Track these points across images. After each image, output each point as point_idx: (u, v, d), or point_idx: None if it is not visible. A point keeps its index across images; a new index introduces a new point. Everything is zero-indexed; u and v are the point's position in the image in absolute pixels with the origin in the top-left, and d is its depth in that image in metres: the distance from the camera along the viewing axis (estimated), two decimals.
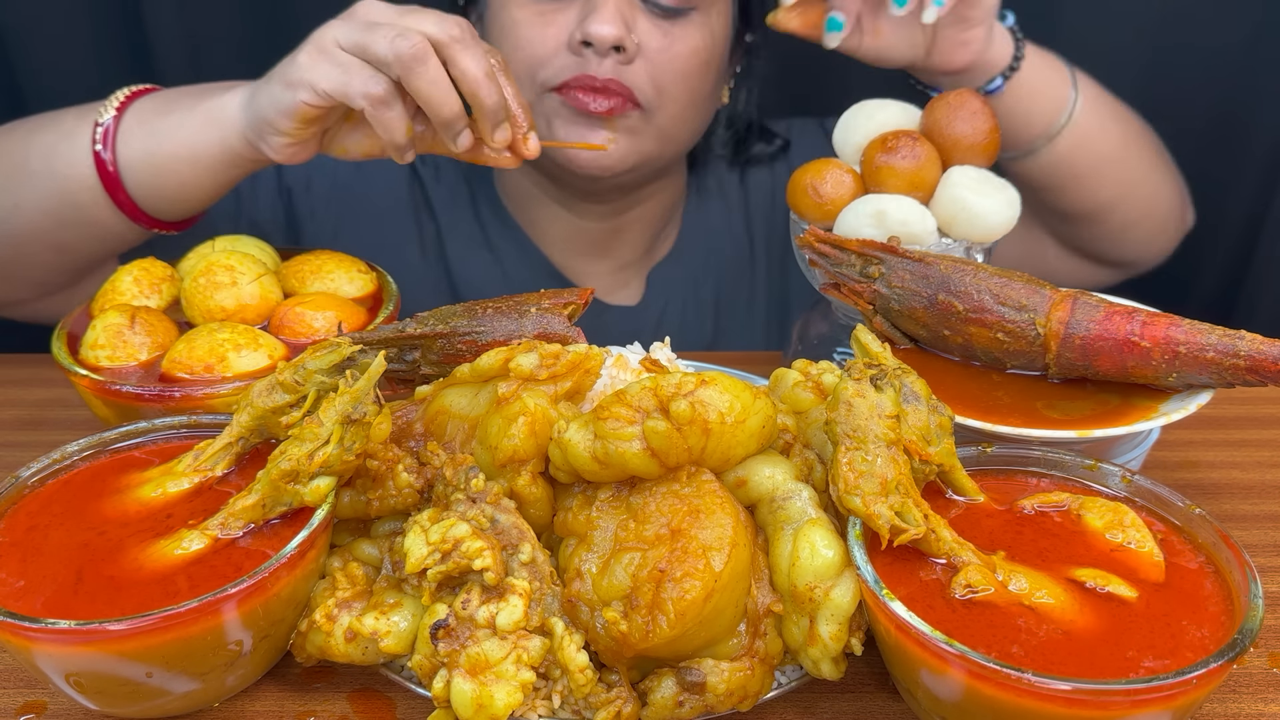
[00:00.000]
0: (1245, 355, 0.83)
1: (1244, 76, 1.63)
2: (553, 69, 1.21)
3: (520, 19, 1.22)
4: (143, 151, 1.02)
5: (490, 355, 0.78)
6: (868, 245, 0.95)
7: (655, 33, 1.21)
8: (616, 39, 1.16)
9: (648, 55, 1.21)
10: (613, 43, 1.17)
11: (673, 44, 1.22)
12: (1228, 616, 0.67)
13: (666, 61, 1.22)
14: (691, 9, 1.23)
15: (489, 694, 0.66)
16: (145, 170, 1.02)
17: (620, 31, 1.16)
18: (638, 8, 1.20)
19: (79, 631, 0.64)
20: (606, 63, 1.19)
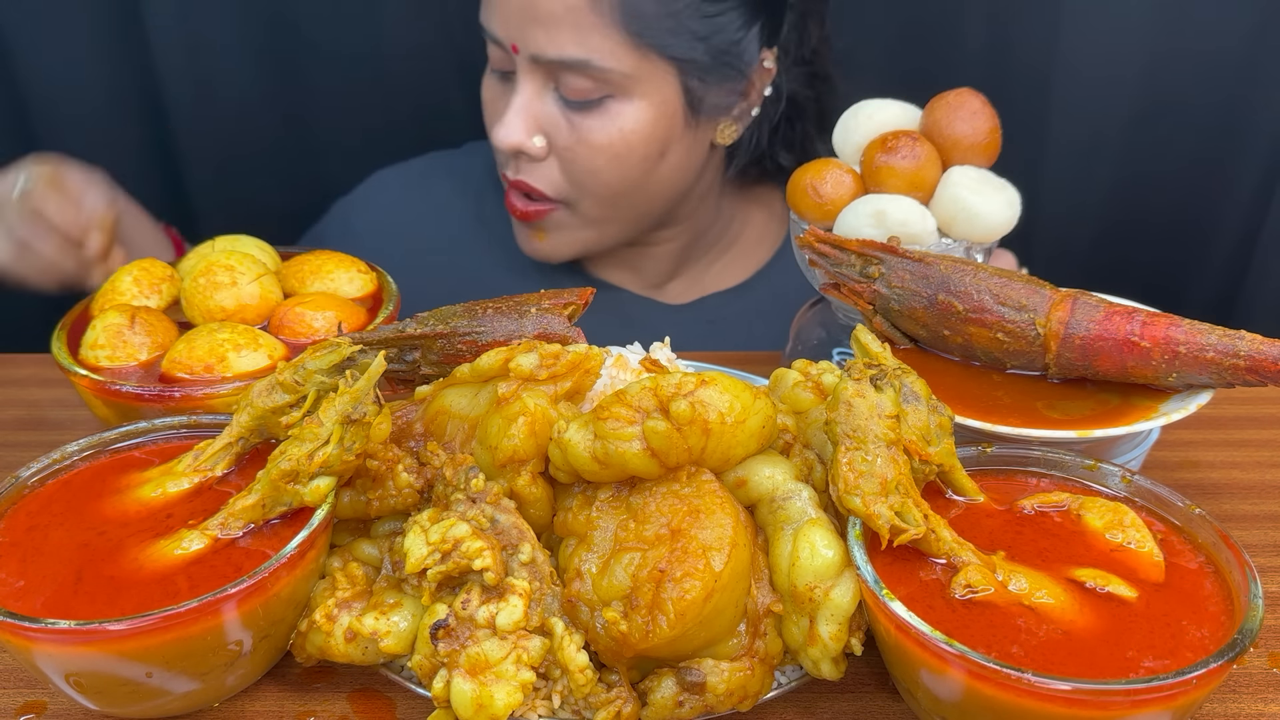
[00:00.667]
0: (1245, 355, 0.83)
1: (1244, 77, 1.63)
2: (501, 159, 1.28)
3: (488, 97, 1.27)
4: None
5: (490, 355, 0.78)
6: (868, 245, 0.95)
7: (564, 127, 1.21)
8: (515, 145, 1.20)
9: (558, 151, 1.22)
10: (512, 149, 1.20)
11: (582, 137, 1.22)
12: (1228, 616, 0.67)
13: (575, 157, 1.23)
14: (606, 97, 1.20)
15: (489, 694, 0.66)
16: None
17: (518, 139, 1.20)
18: (551, 102, 1.21)
19: (79, 631, 0.64)
20: (518, 164, 1.23)
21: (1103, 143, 1.72)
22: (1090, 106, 1.69)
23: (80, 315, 1.00)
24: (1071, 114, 1.70)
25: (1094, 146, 1.72)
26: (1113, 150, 1.72)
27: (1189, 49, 1.63)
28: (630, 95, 1.21)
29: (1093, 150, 1.72)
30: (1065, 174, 1.74)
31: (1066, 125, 1.71)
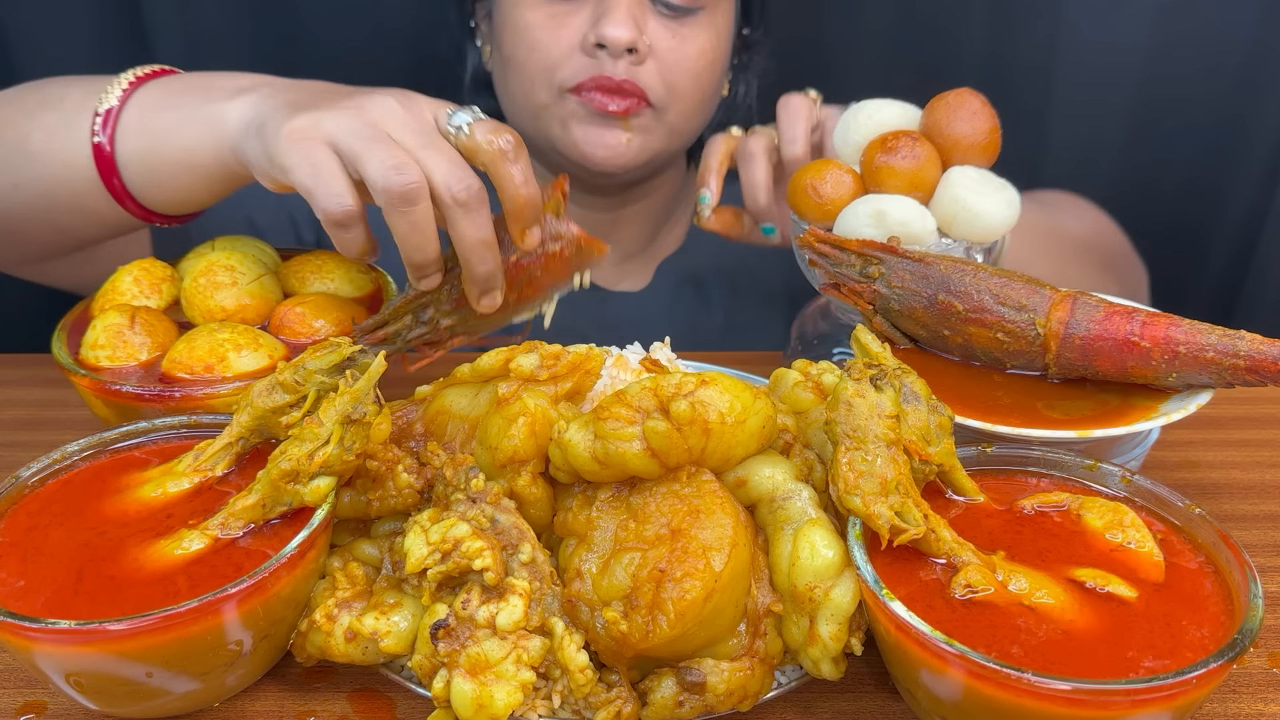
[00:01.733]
0: (1245, 355, 0.83)
1: (1245, 76, 1.63)
2: (568, 70, 1.23)
3: (533, 21, 1.24)
4: (139, 150, 0.96)
5: (490, 355, 0.78)
6: (868, 245, 0.95)
7: (665, 33, 1.24)
8: (630, 41, 1.19)
9: (658, 55, 1.24)
10: (626, 45, 1.19)
11: (682, 44, 1.25)
12: (1228, 616, 0.67)
13: (676, 61, 1.25)
14: (700, 8, 1.26)
15: (489, 694, 0.66)
16: (142, 169, 0.97)
17: (633, 34, 1.19)
18: (648, 8, 1.23)
19: (79, 631, 0.64)
20: (620, 64, 1.21)
21: (1102, 143, 1.72)
22: (1090, 106, 1.69)
23: (80, 315, 1.00)
24: (1071, 114, 1.70)
25: (1094, 147, 1.72)
26: (1112, 150, 1.72)
27: (1190, 48, 1.63)
28: (715, 12, 1.28)
29: (1092, 151, 1.72)
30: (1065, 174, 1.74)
31: (1066, 125, 1.71)
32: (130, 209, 1.00)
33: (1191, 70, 1.64)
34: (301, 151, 0.83)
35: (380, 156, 0.82)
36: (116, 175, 0.97)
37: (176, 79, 0.99)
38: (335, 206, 0.84)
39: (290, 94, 0.91)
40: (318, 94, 0.90)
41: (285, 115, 0.86)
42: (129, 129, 0.96)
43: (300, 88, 0.93)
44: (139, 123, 0.96)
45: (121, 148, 0.97)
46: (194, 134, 0.94)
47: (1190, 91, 1.66)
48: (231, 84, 0.95)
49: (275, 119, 0.86)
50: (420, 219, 0.84)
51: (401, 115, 0.85)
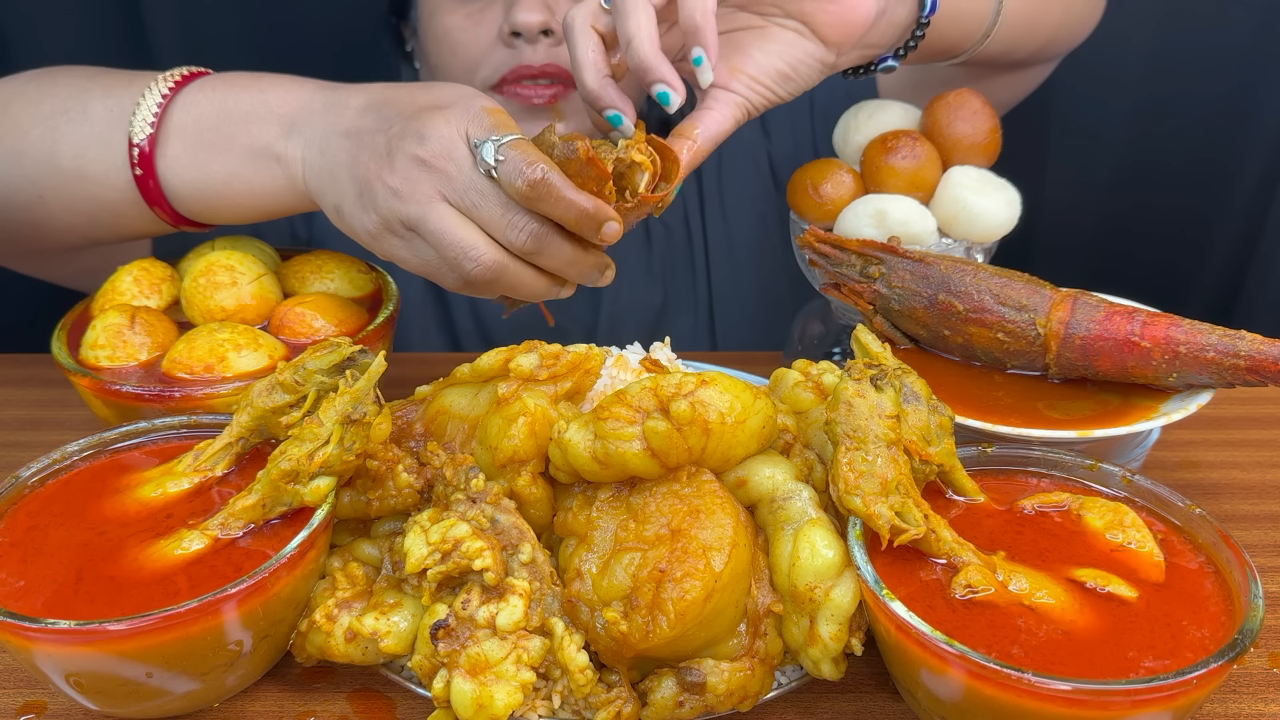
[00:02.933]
0: (1245, 355, 0.83)
1: (1246, 75, 1.63)
2: (490, 66, 1.23)
3: (451, 25, 1.24)
4: (193, 186, 0.95)
5: (490, 355, 0.78)
6: (868, 245, 0.95)
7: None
8: (542, 24, 1.18)
9: None
10: (539, 28, 1.18)
11: None
12: (1228, 616, 0.67)
13: None
14: None
15: (489, 694, 0.66)
16: (198, 201, 0.96)
17: (544, 16, 1.17)
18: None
19: (79, 631, 0.64)
20: (539, 49, 1.20)
21: (1103, 143, 1.72)
22: (1091, 106, 1.69)
23: (80, 315, 1.00)
24: (1072, 114, 1.70)
25: (1094, 146, 1.72)
26: (1113, 150, 1.72)
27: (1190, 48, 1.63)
28: None
29: (1093, 151, 1.73)
30: (1066, 174, 1.74)
31: (1067, 125, 1.71)
32: (181, 225, 1.00)
33: (1192, 70, 1.64)
34: (398, 246, 0.86)
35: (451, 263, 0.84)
36: (163, 202, 0.96)
37: (208, 96, 0.95)
38: (454, 283, 0.86)
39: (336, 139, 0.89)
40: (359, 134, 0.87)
41: (353, 197, 0.86)
42: (178, 165, 0.94)
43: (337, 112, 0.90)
44: (189, 159, 0.94)
45: (172, 181, 0.95)
46: (261, 181, 0.93)
47: (1191, 91, 1.66)
48: (270, 109, 0.93)
49: (349, 207, 0.87)
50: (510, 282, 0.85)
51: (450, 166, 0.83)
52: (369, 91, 0.91)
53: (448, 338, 1.45)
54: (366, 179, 0.85)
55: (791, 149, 1.46)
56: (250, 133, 0.93)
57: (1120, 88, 1.67)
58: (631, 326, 1.45)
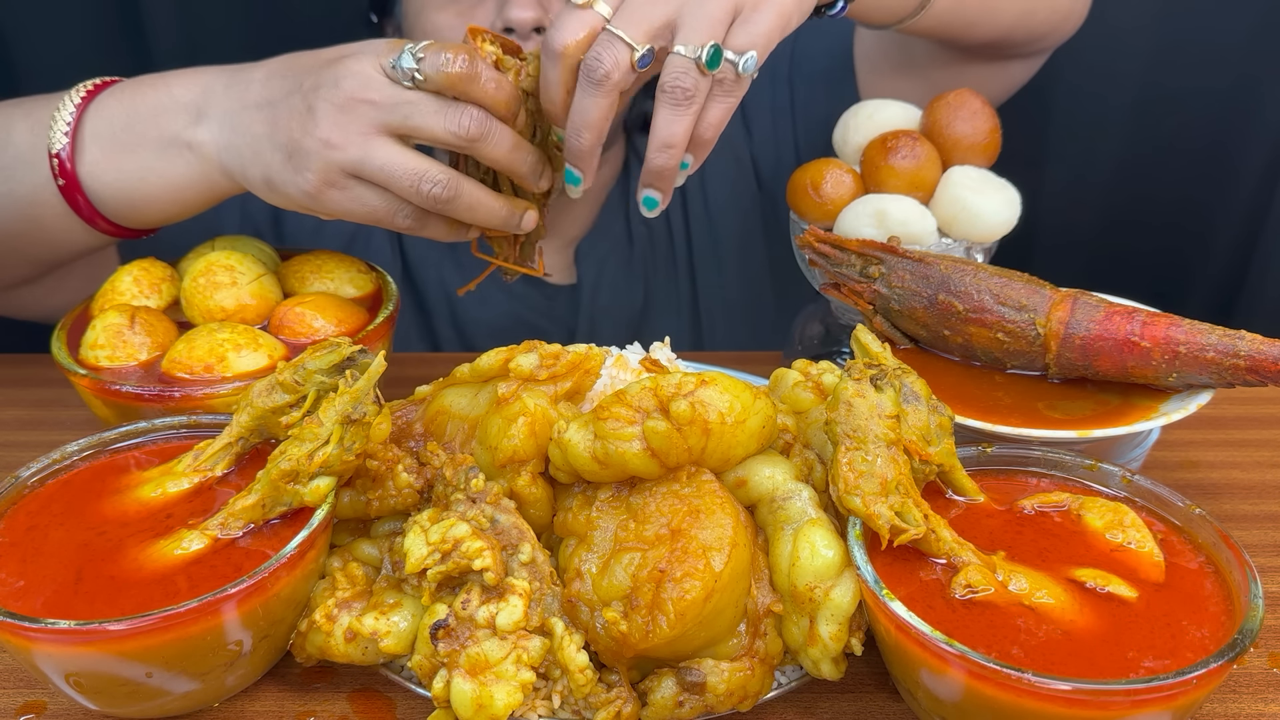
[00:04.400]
0: (1245, 355, 0.83)
1: (1246, 70, 1.63)
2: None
3: (442, 22, 1.24)
4: (113, 187, 0.96)
5: (490, 355, 0.78)
6: (868, 245, 0.95)
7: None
8: (535, 20, 1.18)
9: None
10: (532, 25, 1.18)
11: None
12: (1228, 616, 0.67)
13: None
14: None
15: (489, 694, 0.66)
16: (120, 202, 0.97)
17: (537, 13, 1.18)
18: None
19: (79, 631, 0.64)
20: (530, 45, 1.19)
21: (1103, 143, 1.72)
22: (1090, 106, 1.69)
23: (80, 315, 1.00)
24: (1072, 112, 1.70)
25: (1094, 146, 1.72)
26: (1113, 151, 1.72)
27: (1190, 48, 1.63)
28: None
29: (1093, 150, 1.72)
30: (1065, 173, 1.74)
31: (1067, 123, 1.71)
32: (113, 232, 1.00)
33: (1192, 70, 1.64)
34: (335, 196, 0.87)
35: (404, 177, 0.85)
36: (93, 211, 0.97)
37: (117, 99, 0.97)
38: (402, 220, 0.89)
39: (249, 113, 0.90)
40: (272, 102, 0.89)
41: (281, 162, 0.87)
42: (96, 169, 0.96)
43: (243, 86, 0.92)
44: (106, 163, 0.95)
45: (94, 186, 0.96)
46: (174, 171, 0.94)
47: (1190, 91, 1.66)
48: (175, 100, 0.94)
49: (280, 174, 0.88)
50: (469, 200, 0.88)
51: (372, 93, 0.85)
52: (269, 63, 0.93)
53: (429, 344, 1.45)
54: (293, 140, 0.86)
55: (774, 147, 1.46)
56: (159, 126, 0.94)
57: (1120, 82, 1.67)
58: (613, 326, 1.45)
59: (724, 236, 1.46)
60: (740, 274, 1.49)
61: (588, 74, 0.83)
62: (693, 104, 0.84)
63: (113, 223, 0.99)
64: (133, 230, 1.01)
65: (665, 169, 0.87)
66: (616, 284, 1.45)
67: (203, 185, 0.95)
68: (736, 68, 0.84)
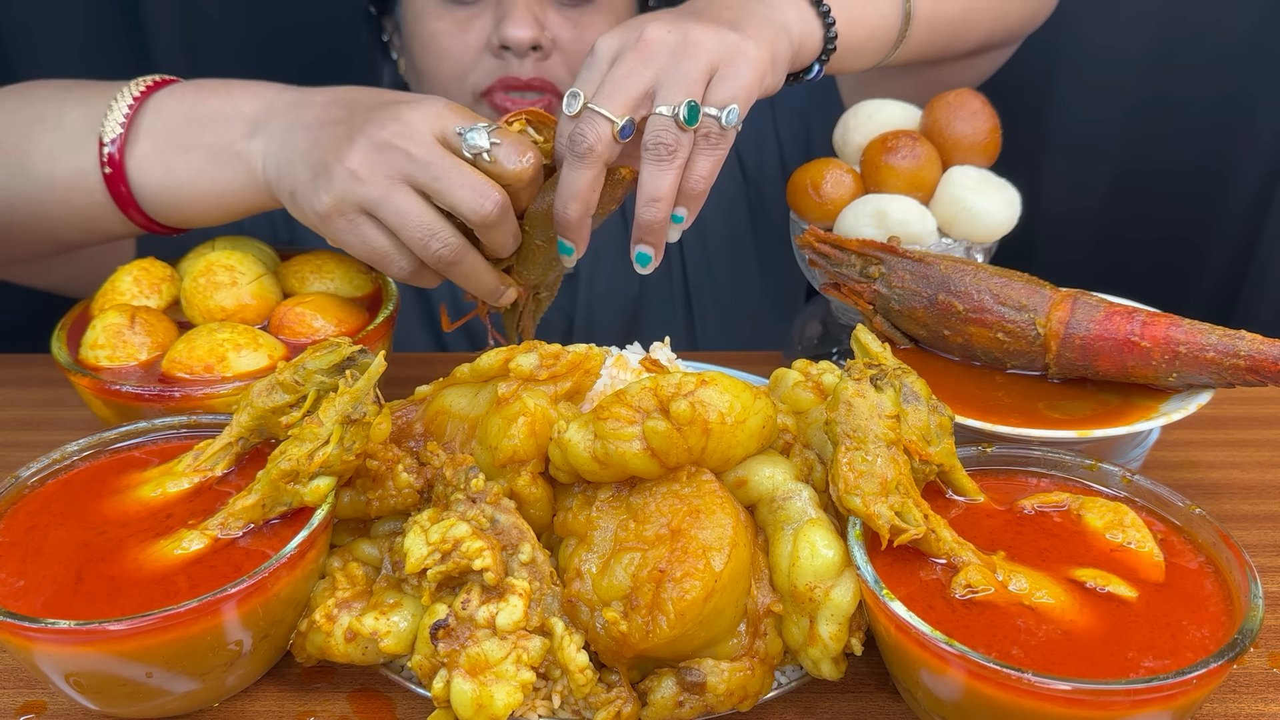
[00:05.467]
0: (1245, 355, 0.83)
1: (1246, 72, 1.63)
2: (478, 74, 1.26)
3: (439, 30, 1.26)
4: (162, 188, 0.97)
5: (490, 355, 0.78)
6: (868, 245, 0.95)
7: (566, 24, 1.25)
8: (532, 40, 1.21)
9: (562, 47, 1.26)
10: (529, 44, 1.21)
11: (584, 33, 1.26)
12: (1228, 616, 0.67)
13: (580, 51, 1.26)
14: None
15: (489, 694, 0.66)
16: (167, 203, 0.98)
17: (534, 32, 1.21)
18: (547, 3, 1.25)
19: (79, 631, 0.64)
20: (527, 63, 1.23)
21: (1103, 143, 1.72)
22: (1091, 106, 1.69)
23: (80, 315, 1.00)
24: (1072, 113, 1.70)
25: (1094, 146, 1.72)
26: (1113, 150, 1.72)
27: (1190, 48, 1.63)
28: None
29: (1093, 150, 1.72)
30: (1065, 174, 1.74)
31: (1067, 124, 1.71)
32: (150, 228, 1.01)
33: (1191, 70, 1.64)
34: (348, 231, 0.89)
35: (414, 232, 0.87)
36: (134, 203, 0.98)
37: (178, 100, 0.98)
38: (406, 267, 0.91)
39: (299, 131, 0.92)
40: (321, 125, 0.91)
41: (308, 179, 0.89)
42: (146, 163, 0.96)
43: (302, 108, 0.94)
44: (157, 159, 0.96)
45: (140, 180, 0.97)
46: (223, 179, 0.96)
47: (1190, 92, 1.66)
48: (238, 111, 0.96)
49: (303, 189, 0.90)
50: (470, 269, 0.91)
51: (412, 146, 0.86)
52: (335, 90, 0.95)
53: (431, 334, 1.45)
54: (324, 161, 0.88)
55: (755, 137, 1.47)
56: (216, 133, 0.95)
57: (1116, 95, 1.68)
58: (609, 315, 1.46)
59: (711, 227, 1.48)
60: (729, 263, 1.50)
61: (572, 148, 0.86)
62: (675, 159, 0.86)
63: (148, 217, 1.00)
64: (165, 227, 1.02)
65: (654, 223, 0.88)
66: (613, 273, 1.46)
67: (247, 195, 0.96)
68: (719, 121, 0.87)
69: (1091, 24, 1.61)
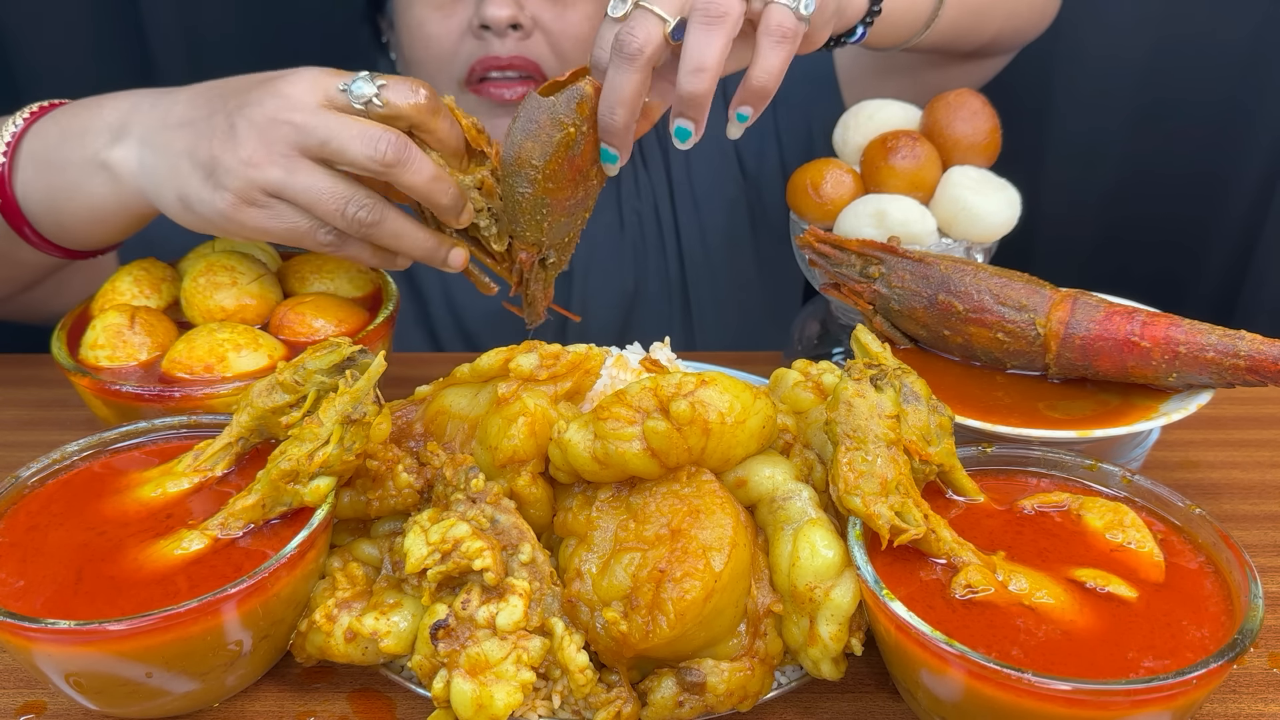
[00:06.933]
0: (1245, 355, 0.83)
1: (1245, 75, 1.63)
2: (460, 57, 1.26)
3: (424, 17, 1.27)
4: (43, 206, 0.96)
5: (490, 355, 0.78)
6: (868, 245, 0.95)
7: (546, 4, 1.25)
8: (510, 18, 1.21)
9: (544, 27, 1.26)
10: (508, 22, 1.21)
11: (565, 11, 1.26)
12: (1228, 616, 0.67)
13: (562, 30, 1.26)
14: None
15: (489, 694, 0.66)
16: (51, 222, 0.97)
17: (512, 11, 1.21)
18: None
19: (79, 631, 0.64)
20: (508, 42, 1.24)
21: (1103, 143, 1.72)
22: (1091, 106, 1.69)
23: (80, 315, 1.00)
24: (1072, 113, 1.70)
25: (1095, 146, 1.72)
26: (1113, 150, 1.72)
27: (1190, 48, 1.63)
28: None
29: (1093, 150, 1.73)
30: (1065, 174, 1.74)
31: (1067, 125, 1.71)
32: (52, 252, 1.01)
33: (1191, 71, 1.64)
34: (255, 214, 0.86)
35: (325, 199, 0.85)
36: (30, 228, 0.98)
37: (54, 121, 0.97)
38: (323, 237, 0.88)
39: (170, 132, 0.90)
40: (193, 122, 0.89)
41: (199, 181, 0.87)
42: (29, 188, 0.96)
43: (167, 106, 0.92)
44: (38, 181, 0.96)
45: (28, 206, 0.97)
46: (92, 191, 0.94)
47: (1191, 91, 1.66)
48: (103, 120, 0.94)
49: (197, 192, 0.87)
50: (393, 227, 0.88)
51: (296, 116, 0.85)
52: (198, 85, 0.93)
53: (425, 332, 1.46)
54: (212, 157, 0.86)
55: (755, 135, 1.47)
56: (84, 146, 0.94)
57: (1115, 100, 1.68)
58: (604, 310, 1.46)
59: (711, 224, 1.49)
60: (728, 260, 1.50)
61: (620, 50, 0.81)
62: (725, 24, 0.81)
63: (54, 243, 0.99)
64: (74, 251, 1.01)
65: (696, 94, 0.82)
66: (607, 268, 1.46)
67: (117, 205, 0.94)
68: (795, 9, 0.82)
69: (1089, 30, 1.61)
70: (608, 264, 1.46)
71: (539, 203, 0.88)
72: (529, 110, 0.84)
